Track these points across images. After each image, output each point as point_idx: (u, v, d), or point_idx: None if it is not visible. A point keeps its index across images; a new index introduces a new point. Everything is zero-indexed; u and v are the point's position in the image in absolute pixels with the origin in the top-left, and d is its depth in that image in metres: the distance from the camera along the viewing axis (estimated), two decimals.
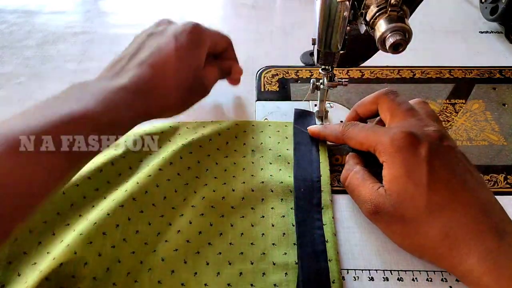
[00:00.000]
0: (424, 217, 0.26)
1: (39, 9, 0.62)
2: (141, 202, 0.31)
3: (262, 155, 0.37)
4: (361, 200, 0.30)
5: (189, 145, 0.36)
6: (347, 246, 0.30)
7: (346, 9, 0.28)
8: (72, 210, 0.32)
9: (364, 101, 0.35)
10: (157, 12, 0.61)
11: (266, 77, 0.47)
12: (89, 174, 0.33)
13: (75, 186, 0.33)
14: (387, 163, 0.29)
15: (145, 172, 0.33)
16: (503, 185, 0.35)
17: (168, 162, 0.34)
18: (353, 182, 0.31)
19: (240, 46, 0.54)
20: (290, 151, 0.37)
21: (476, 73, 0.47)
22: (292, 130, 0.39)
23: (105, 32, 0.57)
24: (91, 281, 0.27)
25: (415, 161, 0.27)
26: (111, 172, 0.34)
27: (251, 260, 0.29)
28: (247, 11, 0.62)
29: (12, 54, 0.52)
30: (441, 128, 0.30)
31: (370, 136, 0.31)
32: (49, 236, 0.30)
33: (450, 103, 0.43)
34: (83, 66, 0.50)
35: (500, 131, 0.40)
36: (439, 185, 0.26)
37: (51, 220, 0.31)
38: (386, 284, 0.28)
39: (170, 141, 0.38)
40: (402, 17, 0.26)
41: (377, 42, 0.26)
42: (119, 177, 0.34)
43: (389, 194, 0.28)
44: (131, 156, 0.36)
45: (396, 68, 0.48)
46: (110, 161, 0.35)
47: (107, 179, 0.34)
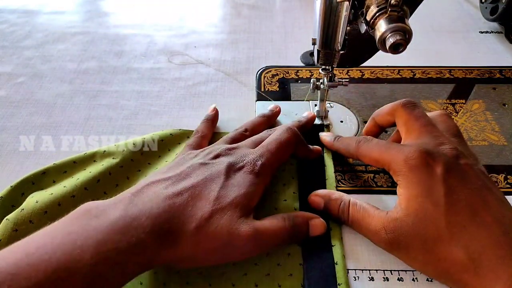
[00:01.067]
0: (445, 238, 0.25)
1: (39, 9, 0.62)
2: None
3: None
4: (373, 232, 0.28)
5: None
6: (348, 246, 0.30)
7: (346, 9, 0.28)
8: None
9: (382, 111, 0.34)
10: (157, 12, 0.61)
11: (266, 77, 0.47)
12: (86, 184, 0.32)
13: (71, 197, 0.31)
14: (402, 182, 0.27)
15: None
16: (503, 185, 0.35)
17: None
18: (356, 216, 0.29)
19: (240, 46, 0.54)
20: (294, 165, 0.36)
21: (476, 73, 0.47)
22: None
23: (105, 32, 0.57)
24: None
25: (431, 181, 0.26)
26: (108, 182, 0.33)
27: (255, 282, 0.28)
28: (247, 11, 0.62)
29: (12, 54, 0.52)
30: (460, 144, 0.29)
31: (384, 154, 0.29)
32: None
33: (450, 103, 0.43)
34: (83, 66, 0.50)
35: (500, 131, 0.40)
36: (459, 205, 0.25)
37: None
38: (386, 284, 0.28)
39: (170, 150, 0.37)
40: (402, 17, 0.25)
41: (377, 42, 0.26)
42: (116, 188, 0.33)
43: (407, 214, 0.26)
44: (129, 166, 0.35)
45: (396, 68, 0.48)
46: (107, 170, 0.34)
47: (104, 189, 0.33)
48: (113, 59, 0.51)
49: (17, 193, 0.32)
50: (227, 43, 0.54)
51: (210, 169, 0.29)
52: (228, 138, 0.34)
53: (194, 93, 0.46)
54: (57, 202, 0.30)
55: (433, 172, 0.26)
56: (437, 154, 0.27)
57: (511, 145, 0.38)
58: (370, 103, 0.43)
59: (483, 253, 0.24)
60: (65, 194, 0.31)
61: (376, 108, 0.42)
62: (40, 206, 0.29)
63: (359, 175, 0.36)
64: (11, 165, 0.37)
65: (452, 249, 0.25)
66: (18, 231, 0.28)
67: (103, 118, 0.43)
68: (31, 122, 0.42)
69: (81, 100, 0.45)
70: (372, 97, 0.44)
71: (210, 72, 0.49)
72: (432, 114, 0.32)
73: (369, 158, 0.31)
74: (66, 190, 0.31)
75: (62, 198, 0.30)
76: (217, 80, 0.48)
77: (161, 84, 0.47)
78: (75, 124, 0.42)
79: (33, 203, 0.30)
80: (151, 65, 0.50)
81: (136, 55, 0.52)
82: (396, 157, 0.28)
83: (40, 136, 0.40)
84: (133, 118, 0.42)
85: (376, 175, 0.36)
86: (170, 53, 0.52)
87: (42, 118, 0.42)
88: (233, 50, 0.53)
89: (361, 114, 0.42)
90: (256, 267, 0.29)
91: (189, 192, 0.27)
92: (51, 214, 0.29)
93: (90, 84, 0.47)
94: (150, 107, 0.44)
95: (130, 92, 0.46)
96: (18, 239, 0.26)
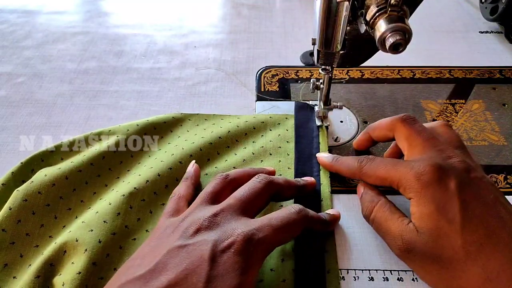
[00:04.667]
0: (461, 257, 0.24)
1: (39, 9, 0.62)
2: (142, 191, 0.32)
3: (262, 146, 0.37)
4: (391, 236, 0.27)
5: (193, 136, 0.38)
6: (347, 246, 0.30)
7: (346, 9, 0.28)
8: (74, 195, 0.32)
9: (379, 125, 0.33)
10: (157, 12, 0.61)
11: (266, 77, 0.47)
12: (92, 160, 0.34)
13: (78, 171, 0.33)
14: (414, 200, 0.26)
15: (147, 165, 0.34)
16: (503, 185, 0.35)
17: (170, 154, 0.35)
18: (380, 216, 0.29)
19: (240, 46, 0.54)
20: (291, 143, 0.38)
21: (476, 73, 0.47)
22: (293, 123, 0.40)
23: (105, 32, 0.57)
24: (91, 266, 0.27)
25: (446, 196, 0.25)
26: (113, 159, 0.35)
27: None
28: (247, 11, 0.62)
29: (12, 54, 0.52)
30: (465, 156, 0.28)
31: (391, 172, 0.28)
32: (52, 220, 0.31)
33: (450, 103, 0.43)
34: (83, 66, 0.50)
35: (500, 131, 0.40)
36: (474, 222, 0.24)
37: (53, 203, 0.32)
38: (386, 284, 0.28)
39: (172, 132, 0.39)
40: (402, 17, 0.25)
41: (377, 42, 0.26)
42: (121, 165, 0.35)
43: (422, 233, 0.25)
44: (132, 145, 0.37)
45: (396, 68, 0.48)
46: (112, 149, 0.36)
47: (109, 166, 0.35)
48: (113, 59, 0.51)
49: (27, 169, 0.34)
50: (227, 43, 0.54)
51: (190, 254, 0.23)
52: (207, 193, 0.28)
53: (194, 93, 0.46)
54: (64, 176, 0.32)
55: (447, 187, 0.25)
56: (449, 168, 0.26)
57: (510, 145, 0.38)
58: (370, 103, 0.43)
59: (501, 272, 0.23)
60: (72, 169, 0.33)
61: (376, 108, 0.42)
62: (49, 179, 0.32)
63: None
64: (11, 165, 0.37)
65: (469, 268, 0.24)
66: (27, 201, 0.31)
67: (103, 118, 0.43)
68: (31, 122, 0.42)
69: (81, 100, 0.45)
70: (372, 97, 0.44)
71: (210, 72, 0.49)
72: (432, 125, 0.31)
73: (374, 177, 0.30)
74: (74, 165, 0.33)
75: (69, 173, 0.33)
76: (217, 80, 0.48)
77: (161, 84, 0.47)
78: (75, 124, 0.42)
79: (42, 176, 0.32)
80: (151, 65, 0.50)
81: (136, 55, 0.52)
82: (406, 174, 0.27)
83: (40, 136, 0.40)
84: (133, 118, 0.42)
85: None
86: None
87: (42, 118, 0.42)
88: (233, 50, 0.53)
89: (361, 114, 0.42)
90: None
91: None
92: (59, 187, 0.32)
93: (90, 84, 0.47)
94: (150, 107, 0.44)
95: (130, 92, 0.46)
96: (27, 208, 0.30)
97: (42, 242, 0.30)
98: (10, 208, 0.30)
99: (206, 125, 0.40)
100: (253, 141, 0.38)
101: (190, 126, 0.39)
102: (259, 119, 0.40)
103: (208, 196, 0.28)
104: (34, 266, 0.27)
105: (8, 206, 0.30)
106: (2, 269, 0.28)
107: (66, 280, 0.26)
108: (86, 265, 0.27)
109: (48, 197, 0.31)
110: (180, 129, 0.39)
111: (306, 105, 0.42)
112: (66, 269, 0.27)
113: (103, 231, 0.29)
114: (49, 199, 0.31)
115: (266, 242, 0.24)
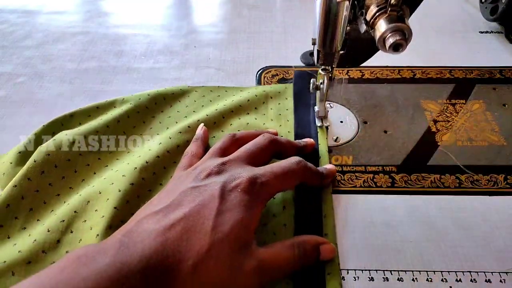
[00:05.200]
0: None
1: (39, 9, 0.62)
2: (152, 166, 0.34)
3: (264, 114, 0.41)
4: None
5: (199, 105, 0.42)
6: (347, 246, 0.30)
7: (346, 9, 0.28)
8: (92, 153, 0.36)
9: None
10: (157, 12, 0.61)
11: (266, 77, 0.47)
12: (108, 123, 0.38)
13: (96, 132, 0.37)
14: None
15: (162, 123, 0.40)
16: (503, 185, 0.35)
17: (182, 117, 0.40)
18: None
19: (240, 46, 0.54)
20: (290, 110, 0.41)
21: (476, 73, 0.47)
22: (292, 92, 0.43)
23: (105, 32, 0.57)
24: (112, 210, 0.30)
25: None
26: (126, 123, 0.39)
27: None
28: (247, 11, 0.62)
29: (12, 54, 0.52)
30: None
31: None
32: (72, 173, 0.34)
33: (450, 103, 0.43)
34: (83, 66, 0.50)
35: (500, 131, 0.40)
36: None
37: (73, 159, 0.35)
38: (386, 284, 0.28)
39: (180, 102, 0.43)
40: (402, 17, 0.25)
41: (377, 42, 0.26)
42: (134, 129, 0.39)
43: None
44: (144, 112, 0.40)
45: (396, 68, 0.48)
46: (126, 114, 0.39)
47: (123, 129, 0.38)
48: (113, 59, 0.51)
49: (48, 131, 0.38)
50: (227, 43, 0.54)
51: (202, 193, 0.26)
52: (216, 148, 0.32)
53: None
54: (83, 134, 0.36)
55: None
56: None
57: (510, 145, 0.38)
58: (370, 103, 0.43)
59: None
60: (90, 129, 0.37)
61: (376, 108, 0.42)
62: (69, 138, 0.36)
63: (358, 175, 0.36)
64: None
65: None
66: (50, 155, 0.34)
67: None
68: (31, 122, 0.42)
69: (81, 100, 0.45)
70: (372, 97, 0.44)
71: (210, 72, 0.49)
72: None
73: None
74: (91, 127, 0.37)
75: (87, 132, 0.36)
76: (217, 80, 0.48)
77: (161, 84, 0.47)
78: None
79: (63, 135, 0.36)
80: (151, 65, 0.50)
81: (136, 55, 0.52)
82: None
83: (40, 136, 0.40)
84: None
85: (375, 176, 0.36)
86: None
87: (42, 118, 0.42)
88: (233, 50, 0.53)
89: (361, 114, 0.42)
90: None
91: (182, 224, 0.24)
92: (78, 144, 0.36)
93: (90, 84, 0.47)
94: None
95: (130, 92, 0.46)
96: (50, 162, 0.34)
97: (63, 192, 0.33)
98: (35, 160, 0.33)
99: (212, 95, 0.43)
100: (255, 107, 0.41)
101: (197, 97, 0.43)
102: (261, 88, 0.44)
103: (217, 151, 0.31)
104: (58, 211, 0.31)
105: (33, 159, 0.33)
106: (27, 212, 0.31)
107: (92, 224, 0.30)
108: (108, 210, 0.30)
109: (68, 153, 0.35)
110: (187, 99, 0.43)
111: (306, 73, 0.45)
112: (91, 216, 0.30)
113: (122, 184, 0.32)
114: (69, 155, 0.35)
115: (269, 185, 0.27)
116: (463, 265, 0.29)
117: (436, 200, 0.34)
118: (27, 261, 0.28)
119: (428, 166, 0.36)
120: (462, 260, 0.29)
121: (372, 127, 0.40)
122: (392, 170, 0.36)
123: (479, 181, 0.35)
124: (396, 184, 0.35)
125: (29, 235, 0.30)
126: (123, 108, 0.40)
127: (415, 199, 0.34)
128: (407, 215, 0.32)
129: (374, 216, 0.32)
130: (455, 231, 0.31)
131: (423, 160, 0.37)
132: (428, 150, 0.38)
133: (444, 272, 0.29)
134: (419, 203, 0.33)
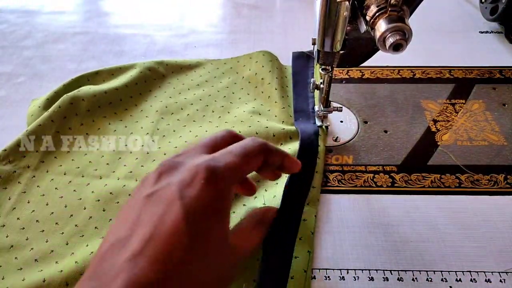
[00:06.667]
0: None
1: (39, 9, 0.62)
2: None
3: (269, 96, 0.44)
4: None
5: (213, 78, 0.47)
6: (347, 246, 0.30)
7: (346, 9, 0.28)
8: (110, 107, 0.42)
9: None
10: (157, 12, 0.61)
11: None
12: (126, 83, 0.44)
13: (115, 89, 0.43)
14: None
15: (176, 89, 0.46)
16: (503, 185, 0.35)
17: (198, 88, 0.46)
18: None
19: (240, 46, 0.54)
20: (289, 87, 0.45)
21: (476, 73, 0.47)
22: (291, 71, 0.47)
23: (105, 32, 0.57)
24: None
25: None
26: (142, 84, 0.45)
27: None
28: (247, 11, 0.62)
29: (12, 54, 0.52)
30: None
31: None
32: (90, 122, 0.41)
33: (450, 103, 0.43)
34: (83, 66, 0.50)
35: (500, 131, 0.40)
36: None
37: (92, 109, 0.41)
38: (386, 284, 0.28)
39: (195, 72, 0.48)
40: (402, 17, 0.25)
41: (377, 42, 0.26)
42: (148, 89, 0.45)
43: None
44: (157, 74, 0.47)
45: (396, 68, 0.48)
46: (142, 75, 0.46)
47: (140, 91, 0.45)
48: (113, 59, 0.51)
49: (75, 85, 0.44)
50: (227, 43, 0.54)
51: (158, 202, 0.21)
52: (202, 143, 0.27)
53: None
54: (104, 91, 0.42)
55: None
56: None
57: (510, 145, 0.38)
58: (370, 103, 0.43)
59: None
60: (110, 87, 0.43)
61: (376, 108, 0.42)
62: (92, 91, 0.42)
63: (358, 175, 0.36)
64: None
65: None
66: (73, 104, 0.40)
67: None
68: None
69: None
70: (372, 97, 0.44)
71: None
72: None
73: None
74: (112, 85, 0.43)
75: (108, 89, 0.43)
76: None
77: None
78: None
79: (87, 89, 0.42)
80: None
81: (136, 55, 0.52)
82: None
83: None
84: None
85: (375, 175, 0.36)
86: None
87: None
88: (233, 50, 0.53)
89: (361, 114, 0.42)
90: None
91: (149, 249, 0.19)
92: (98, 98, 0.42)
93: None
94: None
95: None
96: (72, 109, 0.40)
97: (80, 136, 0.39)
98: (60, 106, 0.40)
99: (224, 68, 0.48)
100: (262, 78, 0.46)
101: (212, 68, 0.48)
102: (263, 61, 0.48)
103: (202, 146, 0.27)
104: (73, 156, 0.38)
105: (58, 105, 0.40)
106: (45, 146, 0.38)
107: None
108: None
109: (88, 104, 0.41)
110: (202, 70, 0.48)
111: (303, 53, 0.49)
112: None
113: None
114: (89, 106, 0.41)
115: (230, 168, 0.23)
116: (463, 265, 0.29)
117: (436, 200, 0.34)
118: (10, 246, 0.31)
119: (428, 166, 0.36)
120: (462, 260, 0.29)
121: (372, 127, 0.40)
122: (392, 170, 0.36)
123: (479, 181, 0.35)
124: (396, 184, 0.35)
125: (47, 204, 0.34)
126: (142, 72, 0.45)
127: (415, 199, 0.34)
128: (407, 215, 0.32)
129: (374, 216, 0.32)
130: (455, 231, 0.31)
131: (423, 160, 0.37)
132: (428, 150, 0.38)
133: (444, 272, 0.29)
134: (419, 203, 0.33)
